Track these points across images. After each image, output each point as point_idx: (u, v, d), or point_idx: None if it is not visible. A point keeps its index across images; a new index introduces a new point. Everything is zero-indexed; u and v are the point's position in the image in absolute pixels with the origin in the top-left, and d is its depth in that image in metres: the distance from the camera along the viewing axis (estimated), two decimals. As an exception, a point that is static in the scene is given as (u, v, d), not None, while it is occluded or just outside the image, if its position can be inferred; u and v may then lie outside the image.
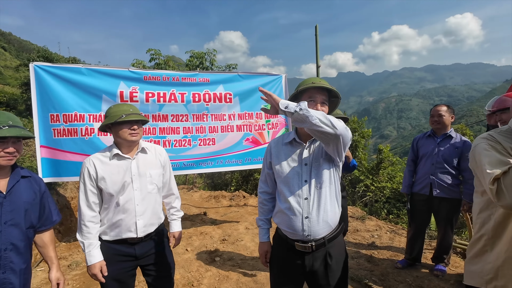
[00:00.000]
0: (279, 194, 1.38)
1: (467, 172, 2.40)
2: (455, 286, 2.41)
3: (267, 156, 1.44)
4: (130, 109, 1.56)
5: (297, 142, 1.36)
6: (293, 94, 1.35)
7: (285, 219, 1.33)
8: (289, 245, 1.34)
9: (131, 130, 1.52)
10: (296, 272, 1.35)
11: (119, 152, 1.55)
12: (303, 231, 1.28)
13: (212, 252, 3.37)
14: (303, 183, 1.30)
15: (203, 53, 8.71)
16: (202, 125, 4.04)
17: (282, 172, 1.34)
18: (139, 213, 1.55)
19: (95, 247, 1.47)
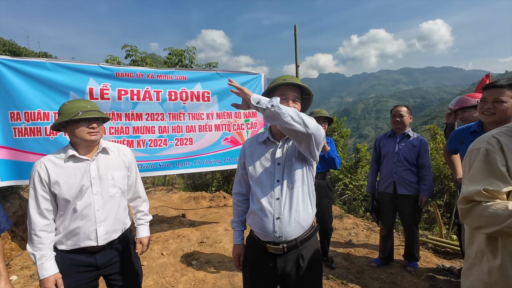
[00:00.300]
0: (252, 195, 1.35)
1: (424, 169, 2.51)
2: (427, 281, 2.48)
3: (241, 156, 1.41)
4: (88, 105, 1.43)
5: (271, 141, 1.33)
6: (265, 91, 1.31)
7: (257, 220, 1.29)
8: (261, 247, 1.30)
9: (89, 128, 1.39)
10: (269, 275, 1.31)
11: (75, 154, 1.41)
12: (274, 232, 1.24)
13: (189, 255, 3.27)
14: (276, 183, 1.27)
15: (182, 50, 8.48)
16: (179, 124, 3.90)
17: (255, 172, 1.31)
18: (99, 219, 1.43)
19: (48, 259, 1.33)
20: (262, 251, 1.30)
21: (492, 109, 1.48)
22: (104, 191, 1.46)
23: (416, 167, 2.56)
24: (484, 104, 1.52)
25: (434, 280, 2.49)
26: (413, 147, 2.56)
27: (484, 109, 1.52)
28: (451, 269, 2.61)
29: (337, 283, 2.52)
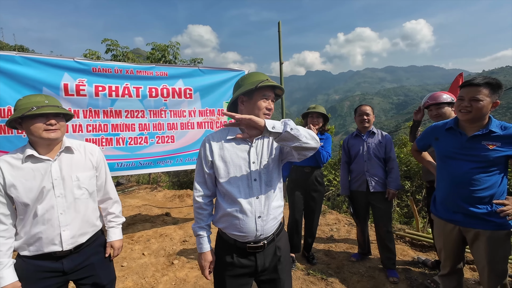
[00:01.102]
0: (223, 195, 1.29)
1: (391, 162, 2.59)
2: (403, 273, 2.57)
3: (206, 154, 1.29)
4: (46, 100, 1.33)
5: (244, 140, 1.29)
6: (244, 90, 1.24)
7: (234, 223, 1.24)
8: (238, 249, 1.27)
9: (46, 125, 1.30)
10: (247, 274, 1.30)
11: (34, 153, 1.32)
12: (257, 231, 1.24)
13: (170, 254, 3.22)
14: (253, 182, 1.25)
15: (166, 45, 8.29)
16: (160, 121, 3.82)
17: (229, 172, 1.26)
18: (64, 223, 1.36)
19: (6, 267, 1.25)
20: (240, 253, 1.27)
21: (469, 107, 1.51)
22: (68, 193, 1.38)
23: (384, 162, 2.65)
24: (461, 102, 1.55)
25: (410, 272, 2.58)
26: (379, 143, 2.64)
27: (461, 107, 1.55)
28: (425, 262, 2.71)
29: (317, 278, 2.56)
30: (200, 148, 1.34)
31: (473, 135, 1.57)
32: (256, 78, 1.27)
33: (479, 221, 1.55)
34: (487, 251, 1.52)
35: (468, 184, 1.56)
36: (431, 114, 2.46)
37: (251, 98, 1.25)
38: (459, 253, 1.72)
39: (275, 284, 1.32)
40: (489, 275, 1.54)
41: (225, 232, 1.30)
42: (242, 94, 1.25)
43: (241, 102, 1.28)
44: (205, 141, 1.32)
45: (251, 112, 1.24)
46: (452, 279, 1.78)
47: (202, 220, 1.33)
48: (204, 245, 1.31)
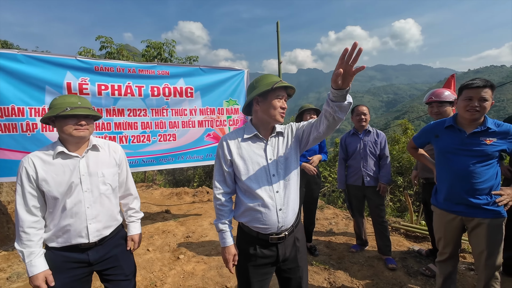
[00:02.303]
0: (244, 192, 1.37)
1: (384, 158, 2.78)
2: (400, 262, 2.73)
3: (224, 154, 1.37)
4: (79, 101, 1.42)
5: (259, 138, 1.38)
6: (260, 91, 1.29)
7: (257, 216, 1.33)
8: (260, 241, 1.36)
9: (77, 125, 1.39)
10: (269, 265, 1.39)
11: (64, 150, 1.40)
12: (278, 223, 1.33)
13: (175, 250, 3.30)
14: (272, 178, 1.35)
15: (161, 43, 8.25)
16: (162, 120, 3.87)
17: (248, 169, 1.34)
18: (90, 217, 1.44)
19: (38, 256, 1.32)
20: (262, 245, 1.35)
21: (478, 107, 1.64)
22: (94, 188, 1.46)
23: (378, 159, 2.82)
24: (470, 102, 1.66)
25: (406, 261, 2.75)
26: (375, 141, 2.81)
27: (470, 107, 1.66)
28: (420, 251, 2.89)
29: (320, 268, 2.69)
30: (217, 149, 1.41)
31: (473, 132, 1.71)
32: (270, 79, 1.35)
33: (480, 211, 1.69)
34: (486, 237, 1.67)
35: (469, 177, 1.70)
36: (432, 111, 2.51)
37: (266, 99, 1.33)
38: (458, 241, 1.88)
39: (294, 272, 1.43)
40: (486, 260, 1.69)
41: (248, 225, 1.37)
42: (258, 95, 1.33)
43: (257, 103, 1.36)
44: (222, 141, 1.39)
45: (266, 111, 1.33)
46: (448, 264, 1.94)
47: (224, 216, 1.39)
48: (227, 239, 1.37)
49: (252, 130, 1.38)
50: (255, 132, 1.38)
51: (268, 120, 1.35)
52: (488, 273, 1.70)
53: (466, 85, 1.71)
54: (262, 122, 1.38)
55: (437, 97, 2.48)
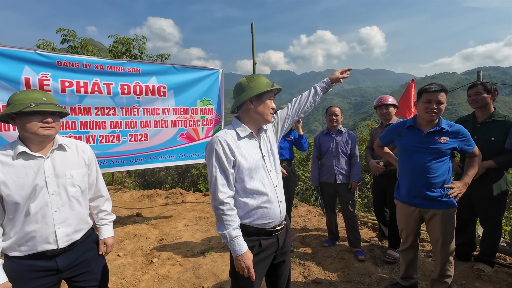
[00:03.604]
0: (248, 192, 1.34)
1: (354, 157, 2.97)
2: (368, 253, 2.91)
3: (227, 154, 1.30)
4: (44, 97, 1.32)
5: (253, 136, 1.43)
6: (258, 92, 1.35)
7: (264, 212, 1.36)
8: (264, 235, 1.39)
9: (43, 123, 1.29)
10: (271, 255, 1.45)
11: (26, 150, 1.29)
12: (281, 214, 1.41)
13: (148, 253, 3.19)
14: (269, 173, 1.40)
15: (131, 39, 7.89)
16: (132, 119, 3.72)
17: (250, 167, 1.34)
18: (58, 221, 1.34)
19: None
20: (265, 238, 1.39)
21: (436, 109, 1.83)
22: (62, 191, 1.37)
23: (349, 157, 2.99)
24: (429, 104, 1.84)
25: (373, 252, 2.95)
26: (346, 141, 2.98)
27: (429, 109, 1.83)
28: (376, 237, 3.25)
29: (295, 263, 2.78)
30: (214, 149, 1.32)
31: (429, 132, 1.89)
32: (264, 80, 1.41)
33: (435, 203, 1.88)
34: (441, 226, 1.86)
35: (426, 172, 1.87)
36: (381, 112, 2.93)
37: (261, 99, 1.38)
38: (417, 231, 2.06)
39: (287, 254, 1.54)
40: (442, 246, 1.88)
41: (251, 225, 1.36)
42: (255, 95, 1.36)
43: (250, 102, 1.39)
44: (220, 141, 1.31)
45: (260, 111, 1.39)
46: (410, 252, 2.13)
47: (234, 221, 1.29)
48: (243, 244, 1.29)
49: (246, 129, 1.41)
50: (249, 131, 1.41)
51: (260, 119, 1.41)
52: (443, 257, 1.89)
53: (425, 89, 1.88)
54: (254, 121, 1.42)
55: (385, 101, 2.90)
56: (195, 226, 4.07)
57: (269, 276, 1.55)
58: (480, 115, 2.36)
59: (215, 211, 1.32)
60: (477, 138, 2.28)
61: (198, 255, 3.09)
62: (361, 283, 2.40)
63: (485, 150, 2.24)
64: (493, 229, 2.36)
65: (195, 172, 9.26)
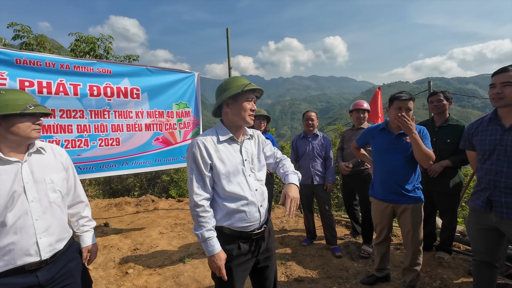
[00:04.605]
0: (225, 195, 1.35)
1: (329, 160, 3.14)
2: (344, 250, 3.07)
3: (204, 157, 1.32)
4: (33, 99, 1.29)
5: (234, 140, 1.42)
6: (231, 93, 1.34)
7: (242, 216, 1.35)
8: (243, 238, 1.38)
9: (35, 125, 1.25)
10: (250, 260, 1.43)
11: (0, 155, 1.19)
12: (260, 218, 1.40)
13: (122, 265, 3.00)
14: (248, 177, 1.40)
15: (95, 38, 7.44)
16: (103, 123, 3.51)
17: (228, 171, 1.35)
18: (40, 230, 1.24)
19: None
20: (244, 242, 1.38)
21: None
22: (42, 197, 1.27)
23: (324, 159, 3.14)
24: (399, 111, 1.95)
25: (348, 248, 3.12)
26: (322, 144, 3.14)
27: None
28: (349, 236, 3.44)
29: (277, 264, 2.82)
30: (192, 153, 1.33)
31: (398, 133, 2.09)
32: (240, 82, 1.39)
33: (406, 198, 2.06)
34: (411, 218, 2.05)
35: (398, 170, 2.06)
36: (357, 115, 3.13)
37: (236, 101, 1.37)
38: (390, 225, 2.24)
39: (270, 259, 1.52)
40: (412, 237, 2.07)
41: (229, 227, 1.36)
42: (228, 97, 1.36)
43: (227, 105, 1.39)
44: (198, 144, 1.33)
45: (237, 113, 1.38)
46: (383, 245, 2.30)
47: (208, 222, 1.31)
48: (216, 245, 1.30)
49: (227, 132, 1.40)
50: (230, 134, 1.40)
51: (239, 122, 1.40)
52: (414, 247, 2.08)
53: (397, 97, 2.06)
54: (234, 124, 1.42)
55: (361, 106, 3.13)
56: (171, 233, 3.93)
57: (255, 280, 1.56)
58: (438, 119, 2.66)
59: (191, 212, 1.35)
60: (435, 140, 2.56)
61: (177, 263, 3.00)
62: (340, 278, 2.53)
63: (443, 151, 2.53)
64: (451, 220, 2.66)
65: (166, 178, 8.92)
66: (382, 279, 2.39)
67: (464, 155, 2.49)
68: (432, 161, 2.00)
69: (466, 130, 1.90)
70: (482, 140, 1.74)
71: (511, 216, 1.59)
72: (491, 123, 1.72)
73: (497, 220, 1.65)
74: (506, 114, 1.64)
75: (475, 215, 1.80)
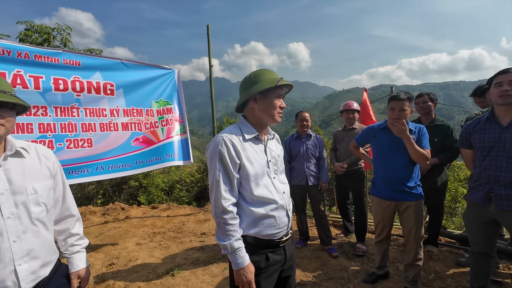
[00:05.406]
0: (253, 199, 1.21)
1: (322, 160, 3.13)
2: (339, 249, 3.05)
3: (233, 156, 1.17)
4: None
5: (259, 139, 1.29)
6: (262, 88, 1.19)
7: (271, 222, 1.22)
8: (271, 247, 1.25)
9: None
10: (278, 270, 1.30)
11: None
12: (288, 223, 1.28)
13: (98, 283, 2.62)
14: (273, 179, 1.28)
15: (50, 28, 6.63)
16: (71, 121, 3.07)
17: (256, 172, 1.21)
18: (19, 255, 0.96)
19: None
20: (272, 251, 1.25)
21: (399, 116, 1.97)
22: (22, 213, 0.99)
23: (317, 160, 3.13)
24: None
25: (343, 247, 3.13)
26: (315, 144, 3.12)
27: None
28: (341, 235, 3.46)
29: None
30: (218, 150, 1.17)
31: None
32: (272, 75, 1.25)
33: (409, 195, 2.10)
34: (414, 215, 2.09)
35: (400, 168, 2.09)
36: (347, 116, 3.17)
37: (266, 97, 1.23)
38: (391, 223, 2.27)
39: (292, 268, 1.39)
40: (415, 234, 2.10)
41: (256, 236, 1.22)
42: (258, 92, 1.21)
43: (254, 100, 1.24)
44: (225, 141, 1.17)
45: (265, 110, 1.24)
46: (384, 243, 2.33)
47: (237, 231, 1.17)
48: (245, 257, 1.17)
49: (252, 130, 1.26)
50: (256, 133, 1.26)
51: (266, 120, 1.26)
52: (417, 243, 2.13)
53: (392, 97, 2.10)
54: (259, 122, 1.28)
55: (351, 107, 3.19)
56: (150, 244, 3.58)
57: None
58: (425, 120, 2.80)
59: (216, 219, 1.18)
60: (423, 139, 2.69)
61: (164, 276, 2.71)
62: (341, 278, 2.50)
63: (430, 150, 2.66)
64: (438, 215, 2.81)
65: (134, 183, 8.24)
66: (382, 276, 2.42)
67: (450, 154, 2.65)
68: (427, 160, 2.05)
69: (463, 129, 1.99)
70: (481, 138, 1.83)
71: (510, 207, 1.69)
72: (489, 122, 1.82)
73: (496, 212, 1.74)
74: (503, 113, 1.75)
75: (474, 208, 1.89)
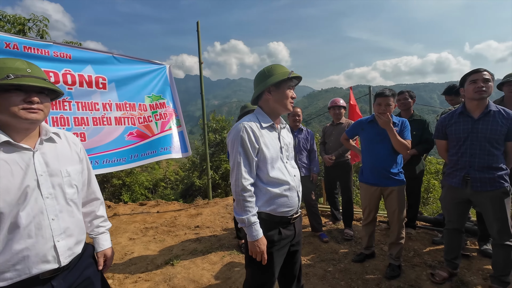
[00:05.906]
0: (269, 180, 1.37)
1: (313, 152, 3.35)
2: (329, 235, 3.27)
3: (252, 141, 1.33)
4: (28, 68, 1.00)
5: (273, 127, 1.45)
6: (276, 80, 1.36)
7: (284, 200, 1.39)
8: (283, 224, 1.41)
9: (26, 103, 0.97)
10: (288, 244, 1.46)
11: (9, 140, 0.96)
12: (298, 202, 1.45)
13: (97, 276, 2.63)
14: (285, 164, 1.45)
15: (25, 19, 6.29)
16: (63, 115, 3.04)
17: (272, 157, 1.38)
18: (58, 232, 1.03)
19: None
20: (283, 226, 1.42)
21: (385, 110, 2.23)
22: (58, 193, 1.06)
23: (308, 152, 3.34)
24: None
25: (332, 233, 3.36)
26: (306, 138, 3.32)
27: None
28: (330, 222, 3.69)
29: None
30: (240, 136, 1.33)
31: None
32: (283, 69, 1.43)
33: (392, 181, 2.34)
34: (397, 199, 2.34)
35: (385, 157, 2.33)
36: (334, 112, 3.42)
37: (279, 88, 1.40)
38: (377, 207, 2.51)
39: (299, 243, 1.57)
40: (398, 216, 2.36)
41: (271, 213, 1.38)
42: (272, 84, 1.38)
43: (268, 92, 1.41)
44: (246, 128, 1.33)
45: (279, 100, 1.41)
46: (370, 226, 2.57)
47: (253, 207, 1.33)
48: (260, 230, 1.33)
49: (268, 119, 1.43)
50: (271, 122, 1.43)
51: (279, 109, 1.43)
52: (399, 224, 2.38)
53: (378, 94, 2.34)
54: (274, 111, 1.44)
55: (338, 103, 3.44)
56: (144, 238, 3.60)
57: (285, 264, 1.58)
58: (404, 115, 3.09)
59: (236, 196, 1.34)
60: (403, 132, 2.98)
61: (163, 266, 2.78)
62: (333, 260, 2.72)
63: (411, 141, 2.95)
64: (416, 201, 3.12)
65: (117, 182, 8.05)
66: (369, 256, 2.67)
67: (426, 145, 2.95)
68: (408, 150, 2.31)
69: (439, 123, 2.27)
70: (456, 130, 2.10)
71: (484, 188, 1.97)
72: (462, 116, 2.10)
73: (471, 193, 2.03)
74: (474, 107, 2.03)
75: (451, 191, 2.16)
